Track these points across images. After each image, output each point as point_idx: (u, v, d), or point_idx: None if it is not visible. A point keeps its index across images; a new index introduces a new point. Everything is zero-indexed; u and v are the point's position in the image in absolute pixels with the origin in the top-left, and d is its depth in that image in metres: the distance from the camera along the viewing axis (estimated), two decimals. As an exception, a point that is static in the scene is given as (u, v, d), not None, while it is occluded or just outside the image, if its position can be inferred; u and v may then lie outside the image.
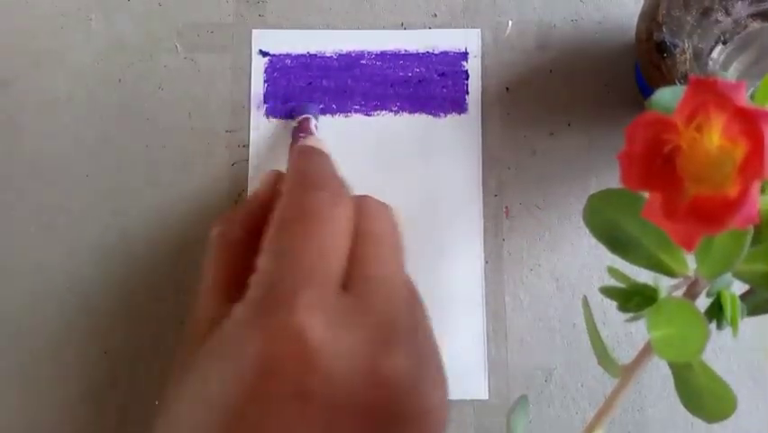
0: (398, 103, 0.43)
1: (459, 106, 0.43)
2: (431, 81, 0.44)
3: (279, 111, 0.43)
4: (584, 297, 0.29)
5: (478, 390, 0.41)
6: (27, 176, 0.43)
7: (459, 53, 0.44)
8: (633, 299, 0.26)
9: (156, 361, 0.41)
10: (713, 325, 0.25)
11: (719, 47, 0.35)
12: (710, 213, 0.19)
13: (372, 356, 0.27)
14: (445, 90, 0.44)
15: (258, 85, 0.44)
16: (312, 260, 0.27)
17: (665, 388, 0.41)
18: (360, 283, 0.28)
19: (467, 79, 0.44)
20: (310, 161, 0.33)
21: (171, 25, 0.45)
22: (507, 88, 0.44)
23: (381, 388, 0.26)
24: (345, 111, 0.43)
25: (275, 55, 0.44)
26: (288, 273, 0.27)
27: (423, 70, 0.44)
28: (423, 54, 0.44)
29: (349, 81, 0.44)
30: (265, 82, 0.44)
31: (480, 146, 0.43)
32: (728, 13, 0.35)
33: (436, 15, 0.45)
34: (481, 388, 0.41)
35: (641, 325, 0.23)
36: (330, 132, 0.43)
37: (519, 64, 0.44)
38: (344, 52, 0.44)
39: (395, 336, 0.28)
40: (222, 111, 0.44)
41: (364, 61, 0.44)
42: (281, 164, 0.43)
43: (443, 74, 0.44)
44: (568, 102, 0.43)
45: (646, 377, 0.41)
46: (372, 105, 0.43)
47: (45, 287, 0.42)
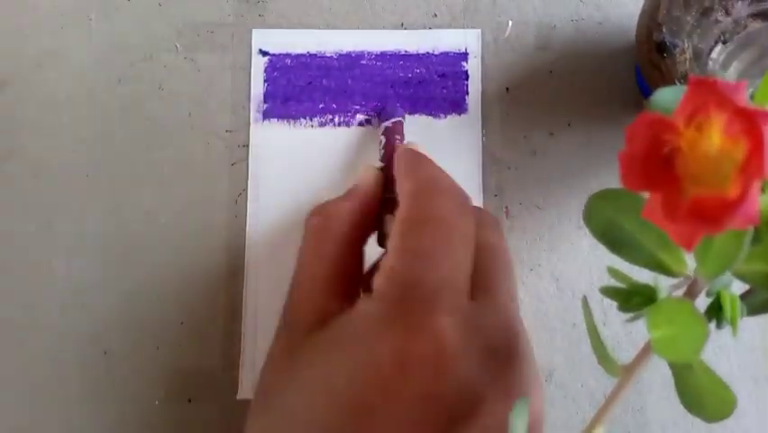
0: (398, 103, 0.43)
1: (459, 107, 0.43)
2: (431, 81, 0.44)
3: (279, 111, 0.43)
4: (584, 297, 0.29)
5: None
6: (27, 175, 0.43)
7: (459, 53, 0.44)
8: (633, 299, 0.26)
9: (156, 361, 0.41)
10: (713, 325, 0.25)
11: (719, 47, 0.35)
12: (710, 213, 0.18)
13: (494, 367, 0.28)
14: (445, 91, 0.44)
15: (258, 85, 0.44)
16: (448, 265, 0.28)
17: (666, 388, 0.41)
18: (483, 294, 0.29)
19: (467, 80, 0.44)
20: (431, 167, 0.33)
21: (171, 25, 0.45)
22: (508, 89, 0.44)
23: (499, 400, 0.27)
24: (346, 112, 0.43)
25: (275, 55, 0.44)
26: (426, 275, 0.28)
27: (423, 71, 0.44)
28: (423, 54, 0.44)
29: (349, 81, 0.44)
30: (265, 82, 0.44)
31: (480, 146, 0.43)
32: (728, 12, 0.35)
33: (436, 16, 0.45)
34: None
35: (641, 325, 0.23)
36: (332, 140, 0.43)
37: (519, 64, 0.44)
38: (344, 52, 0.44)
39: (515, 348, 0.29)
40: (222, 111, 0.44)
41: (364, 61, 0.44)
42: (282, 164, 0.43)
43: (443, 74, 0.44)
44: (568, 102, 0.43)
45: (647, 377, 0.41)
46: (372, 105, 0.43)
47: (44, 287, 0.42)
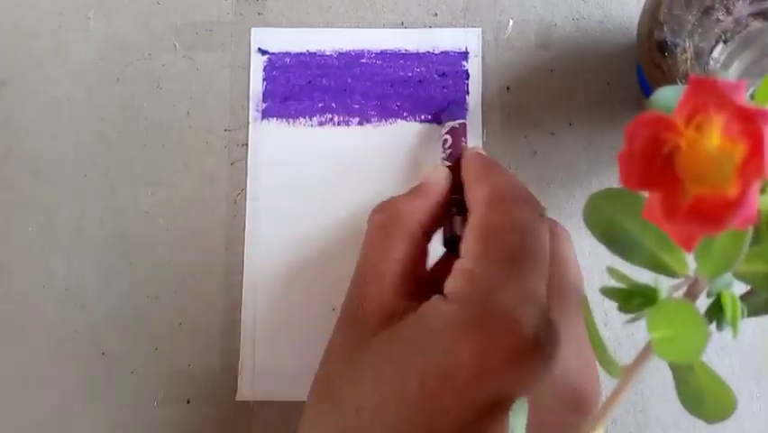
0: (398, 103, 0.43)
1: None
2: (431, 81, 0.44)
3: (279, 110, 0.43)
4: (584, 297, 0.29)
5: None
6: (26, 175, 0.43)
7: (459, 53, 0.44)
8: (633, 300, 0.26)
9: (154, 362, 0.41)
10: (714, 325, 0.25)
11: (720, 46, 0.35)
12: (710, 213, 0.18)
13: (576, 377, 0.28)
14: (446, 90, 0.44)
15: (257, 83, 0.44)
16: (529, 275, 0.28)
17: (667, 389, 0.40)
18: (558, 304, 0.30)
19: (467, 79, 0.44)
20: (505, 173, 0.33)
21: (170, 24, 0.45)
22: (508, 88, 0.44)
23: (577, 409, 0.27)
24: (345, 112, 0.43)
25: (274, 53, 0.44)
26: (507, 283, 0.28)
27: (423, 70, 0.44)
28: (423, 54, 0.44)
29: (349, 80, 0.44)
30: (264, 81, 0.44)
31: (481, 146, 0.43)
32: (729, 12, 0.35)
33: (437, 14, 0.44)
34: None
35: (642, 325, 0.23)
36: (331, 140, 0.43)
37: (520, 63, 0.44)
38: (344, 51, 0.44)
39: (591, 356, 0.29)
40: (221, 110, 0.43)
41: (364, 60, 0.44)
42: (281, 164, 0.42)
43: (444, 74, 0.44)
44: (569, 102, 0.43)
45: (648, 378, 0.41)
46: (372, 104, 0.43)
47: (43, 286, 0.42)
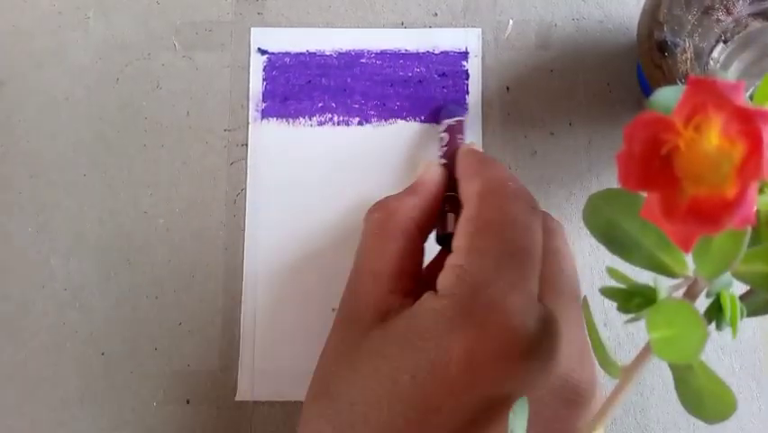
0: (398, 103, 0.43)
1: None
2: (431, 81, 0.44)
3: (278, 110, 0.43)
4: (584, 297, 0.29)
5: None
6: (25, 175, 0.43)
7: (459, 53, 0.44)
8: (633, 300, 0.26)
9: (154, 362, 0.41)
10: (713, 325, 0.25)
11: (720, 46, 0.35)
12: (708, 213, 0.18)
13: (567, 369, 0.28)
14: (445, 90, 0.44)
15: (256, 83, 0.44)
16: (519, 267, 0.28)
17: (667, 389, 0.40)
18: (552, 297, 0.29)
19: (467, 79, 0.44)
20: (498, 168, 0.33)
21: (169, 24, 0.44)
22: (508, 88, 0.44)
23: (570, 403, 0.27)
24: (345, 112, 0.43)
25: (274, 53, 0.44)
26: (498, 277, 0.28)
27: (423, 70, 0.44)
28: (423, 54, 0.44)
29: (348, 80, 0.44)
30: (264, 81, 0.44)
31: (481, 146, 0.43)
32: (729, 12, 0.35)
33: (437, 14, 0.44)
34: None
35: (642, 325, 0.23)
36: (331, 139, 0.43)
37: (520, 64, 0.44)
38: (344, 51, 0.44)
39: (586, 351, 0.29)
40: (220, 110, 0.43)
41: (364, 60, 0.44)
42: (280, 164, 0.42)
43: (444, 74, 0.44)
44: (569, 102, 0.43)
45: (648, 378, 0.41)
46: (372, 104, 0.43)
47: (43, 287, 0.42)
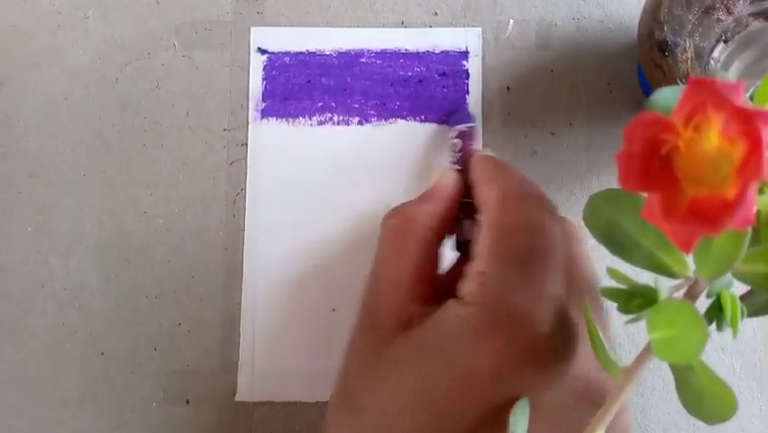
0: (398, 102, 0.43)
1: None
2: (431, 81, 0.44)
3: (278, 110, 0.43)
4: (585, 298, 0.29)
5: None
6: (24, 175, 0.43)
7: (459, 52, 0.44)
8: (633, 301, 0.26)
9: (153, 362, 0.41)
10: (714, 326, 0.25)
11: (721, 46, 0.35)
12: (708, 213, 0.18)
13: (587, 370, 0.28)
14: (446, 90, 0.43)
15: (256, 83, 0.44)
16: (544, 274, 0.28)
17: (667, 390, 0.40)
18: (574, 300, 0.29)
19: (467, 79, 0.44)
20: (514, 173, 0.33)
21: (169, 23, 0.44)
22: (508, 88, 0.44)
23: (596, 404, 0.27)
24: (345, 112, 0.43)
25: (274, 53, 0.44)
26: (520, 283, 0.28)
27: (423, 69, 0.44)
28: (423, 53, 0.44)
29: (348, 80, 0.44)
30: (264, 80, 0.44)
31: (481, 146, 0.43)
32: (730, 11, 0.34)
33: (437, 14, 0.44)
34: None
35: (642, 326, 0.23)
36: (331, 139, 0.43)
37: (520, 63, 0.44)
38: (344, 50, 0.44)
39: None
40: (220, 109, 0.43)
41: (364, 60, 0.44)
42: (280, 163, 0.42)
43: (444, 73, 0.44)
44: (569, 102, 0.43)
45: (649, 379, 0.41)
46: (372, 104, 0.43)
47: (42, 287, 0.42)
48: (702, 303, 0.24)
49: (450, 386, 0.26)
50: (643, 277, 0.26)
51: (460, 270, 0.30)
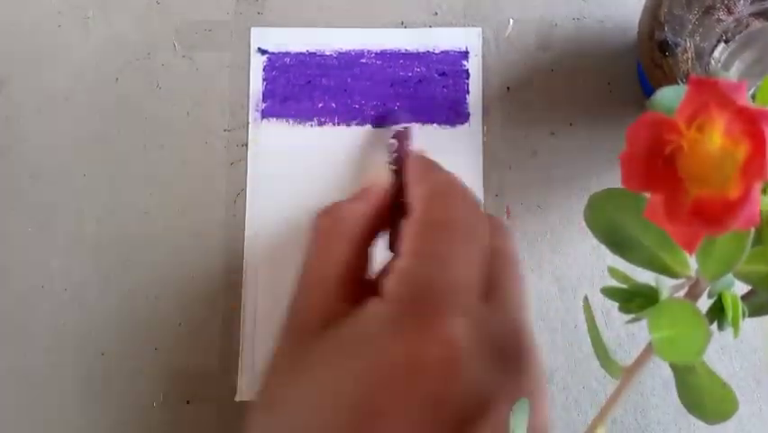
0: (398, 102, 0.43)
1: (461, 115, 0.43)
2: (431, 80, 0.44)
3: (278, 110, 0.43)
4: (585, 297, 0.29)
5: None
6: (25, 175, 0.43)
7: (459, 52, 0.44)
8: (634, 300, 0.26)
9: (154, 362, 0.41)
10: (715, 326, 0.25)
11: (721, 46, 0.35)
12: (712, 214, 0.18)
13: (504, 369, 0.28)
14: (446, 90, 0.43)
15: (256, 83, 0.44)
16: (461, 268, 0.28)
17: (667, 390, 0.40)
18: (494, 298, 0.29)
19: (467, 79, 0.44)
20: (443, 172, 0.34)
21: (169, 23, 0.44)
22: (509, 88, 0.44)
23: (508, 402, 0.27)
24: (345, 112, 0.43)
25: (274, 53, 0.44)
26: (438, 277, 0.28)
27: (423, 69, 0.44)
28: (423, 53, 0.44)
29: (349, 80, 0.44)
30: (264, 81, 0.44)
31: (481, 146, 0.43)
32: (730, 11, 0.34)
33: (437, 14, 0.44)
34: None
35: (643, 325, 0.23)
36: (331, 139, 0.43)
37: (520, 63, 0.44)
38: (344, 51, 0.44)
39: (525, 350, 0.29)
40: (220, 110, 0.43)
41: (364, 60, 0.44)
42: (280, 164, 0.42)
43: (444, 73, 0.44)
44: (569, 102, 0.43)
45: (649, 379, 0.41)
46: (372, 104, 0.43)
47: (42, 287, 0.42)
48: (703, 303, 0.24)
49: (365, 383, 0.26)
50: (644, 277, 0.26)
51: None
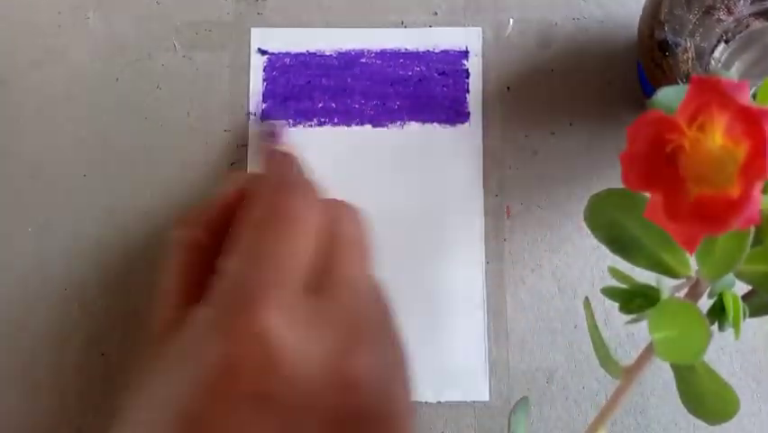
0: (398, 102, 0.43)
1: (461, 115, 0.43)
2: (431, 80, 0.44)
3: (278, 110, 0.43)
4: (586, 298, 0.29)
5: (478, 391, 0.40)
6: (25, 175, 0.43)
7: (459, 52, 0.44)
8: (635, 300, 0.26)
9: (154, 361, 0.41)
10: (716, 326, 0.25)
11: (721, 46, 0.35)
12: (712, 213, 0.18)
13: (337, 357, 0.27)
14: (446, 89, 0.43)
15: (257, 84, 0.44)
16: (279, 261, 0.27)
17: (668, 390, 0.40)
18: (327, 285, 0.28)
19: (467, 78, 0.44)
20: (280, 165, 0.33)
21: (170, 24, 0.44)
22: (509, 87, 0.44)
23: (347, 389, 0.26)
24: (345, 112, 0.43)
25: (274, 54, 0.44)
26: (254, 274, 0.27)
27: (423, 69, 0.44)
28: (423, 53, 0.44)
29: (349, 80, 0.44)
30: (264, 81, 0.44)
31: (481, 146, 0.43)
32: (730, 11, 0.34)
33: (437, 14, 0.44)
34: (482, 389, 0.40)
35: (643, 326, 0.23)
36: (331, 140, 0.43)
37: (520, 63, 0.44)
38: (344, 51, 0.44)
39: (361, 337, 0.28)
40: (220, 110, 0.43)
41: (364, 60, 0.44)
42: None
43: (444, 73, 0.44)
44: (569, 101, 0.43)
45: (649, 379, 0.41)
46: (372, 104, 0.43)
47: (42, 287, 0.42)
48: (703, 303, 0.24)
49: (186, 390, 0.25)
50: (644, 277, 0.26)
51: None
